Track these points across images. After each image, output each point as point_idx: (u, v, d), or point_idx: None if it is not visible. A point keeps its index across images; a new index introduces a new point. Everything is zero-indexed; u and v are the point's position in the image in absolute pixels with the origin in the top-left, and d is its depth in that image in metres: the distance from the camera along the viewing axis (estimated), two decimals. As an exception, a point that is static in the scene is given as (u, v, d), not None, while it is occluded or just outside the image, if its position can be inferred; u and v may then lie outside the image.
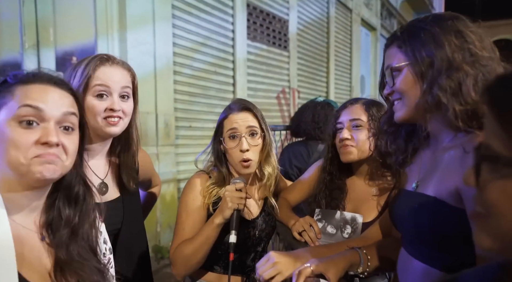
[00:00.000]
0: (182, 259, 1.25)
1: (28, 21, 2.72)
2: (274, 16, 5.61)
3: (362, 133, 1.32)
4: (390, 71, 0.91)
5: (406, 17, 12.12)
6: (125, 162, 1.28)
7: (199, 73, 4.27)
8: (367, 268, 1.03)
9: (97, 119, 1.15)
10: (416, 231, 0.87)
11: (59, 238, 0.81)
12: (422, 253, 0.87)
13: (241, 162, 1.28)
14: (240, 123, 1.28)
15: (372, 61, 9.76)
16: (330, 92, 7.33)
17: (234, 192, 1.21)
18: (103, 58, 1.19)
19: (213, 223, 1.21)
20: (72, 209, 0.85)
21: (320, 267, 0.95)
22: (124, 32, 3.33)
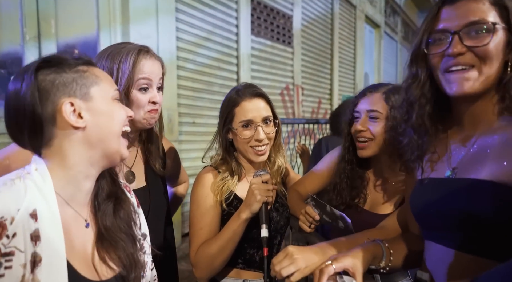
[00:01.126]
0: (206, 259, 1.18)
1: (29, 13, 2.66)
2: (278, 11, 5.54)
3: (379, 126, 1.24)
4: (484, 26, 0.77)
5: (410, 15, 12.03)
6: (152, 148, 1.28)
7: (202, 69, 4.20)
8: (389, 263, 0.96)
9: (141, 112, 1.17)
10: (470, 220, 0.78)
11: (104, 208, 0.86)
12: (475, 244, 0.79)
13: (254, 149, 1.23)
14: (255, 113, 1.22)
15: (376, 59, 9.67)
16: (334, 90, 7.25)
17: (261, 184, 1.14)
18: (143, 51, 1.18)
19: (240, 218, 1.15)
20: (115, 186, 0.91)
21: (342, 263, 0.87)
22: (127, 25, 3.26)
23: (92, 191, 0.86)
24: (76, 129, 0.77)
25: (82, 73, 0.80)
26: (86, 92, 0.79)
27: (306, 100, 6.38)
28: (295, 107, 5.99)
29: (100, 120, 0.80)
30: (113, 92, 0.84)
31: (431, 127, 0.91)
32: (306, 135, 4.78)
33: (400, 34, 11.34)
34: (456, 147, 0.88)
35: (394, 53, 11.09)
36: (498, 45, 0.78)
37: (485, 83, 0.80)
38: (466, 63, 0.80)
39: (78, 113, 0.78)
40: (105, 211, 0.86)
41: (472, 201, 0.78)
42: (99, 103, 0.81)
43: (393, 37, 10.82)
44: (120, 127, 0.84)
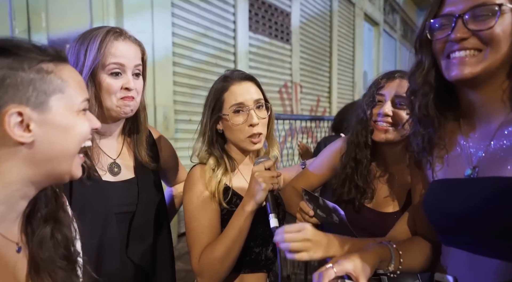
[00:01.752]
0: (212, 265, 1.07)
1: (19, 5, 2.57)
2: (276, 8, 5.46)
3: (404, 114, 1.15)
4: (489, 9, 0.72)
5: (409, 13, 11.97)
6: (138, 139, 1.21)
7: (199, 65, 4.12)
8: (399, 266, 0.88)
9: (112, 99, 1.10)
10: (499, 222, 0.71)
11: (40, 235, 0.72)
12: (504, 248, 0.71)
13: (250, 137, 1.14)
14: (247, 96, 1.13)
15: (375, 57, 9.61)
16: (332, 88, 7.18)
17: (264, 171, 1.04)
18: (116, 33, 1.09)
19: (245, 211, 1.05)
20: (56, 205, 0.76)
21: (344, 266, 0.80)
22: (121, 19, 3.17)
23: (24, 210, 0.71)
24: (20, 145, 0.62)
25: (44, 75, 0.64)
26: (43, 102, 0.63)
27: (304, 98, 6.30)
28: (294, 105, 5.91)
29: (53, 136, 0.65)
30: (80, 104, 0.69)
31: (437, 117, 0.85)
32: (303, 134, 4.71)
33: (399, 32, 11.29)
34: (473, 142, 0.81)
35: (393, 51, 11.03)
36: (506, 28, 0.73)
37: (488, 68, 0.74)
38: (472, 48, 0.75)
39: (26, 124, 0.62)
40: (41, 238, 0.71)
41: (502, 202, 0.71)
42: (57, 116, 0.65)
43: (392, 35, 10.76)
44: (77, 146, 0.69)
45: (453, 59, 0.77)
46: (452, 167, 0.83)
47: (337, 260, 0.82)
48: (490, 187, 0.73)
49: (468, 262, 0.77)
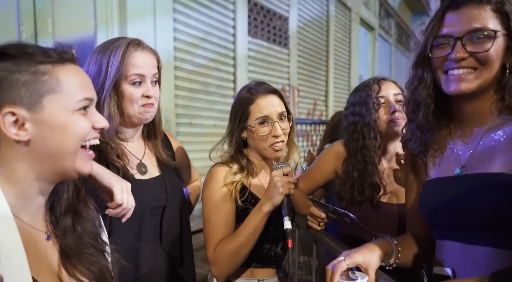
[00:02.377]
0: (226, 256, 1.16)
1: (26, 11, 2.63)
2: (274, 13, 5.55)
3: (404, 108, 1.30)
4: (486, 34, 0.81)
5: (403, 18, 12.15)
6: (156, 141, 1.30)
7: (199, 69, 4.19)
8: (397, 260, 0.97)
9: (134, 106, 1.17)
10: (486, 213, 0.80)
11: (63, 223, 0.77)
12: (492, 237, 0.81)
13: (272, 146, 1.23)
14: (271, 109, 1.22)
15: (370, 61, 9.74)
16: (329, 92, 7.28)
17: (282, 177, 1.14)
18: (135, 45, 1.17)
19: (261, 211, 1.14)
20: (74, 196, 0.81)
21: (355, 259, 0.87)
22: (124, 24, 3.24)
23: (46, 203, 0.76)
24: (18, 143, 0.66)
25: (39, 77, 0.67)
26: (36, 102, 0.66)
27: (302, 101, 6.39)
28: (291, 109, 5.97)
29: (48, 135, 0.68)
30: (77, 103, 0.70)
31: (434, 124, 0.95)
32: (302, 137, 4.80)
33: (394, 36, 11.44)
34: (461, 145, 0.91)
35: (388, 55, 11.18)
36: (498, 50, 0.83)
37: (482, 84, 0.84)
38: (468, 66, 0.84)
39: (21, 123, 0.66)
40: (64, 228, 0.77)
41: (488, 195, 0.80)
42: (51, 116, 0.67)
43: (387, 40, 10.92)
44: (74, 145, 0.71)
45: (451, 75, 0.86)
46: (443, 167, 0.92)
47: (348, 253, 0.89)
48: (477, 182, 0.83)
49: (461, 253, 0.86)
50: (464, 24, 0.83)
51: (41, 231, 0.75)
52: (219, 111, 4.50)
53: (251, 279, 1.27)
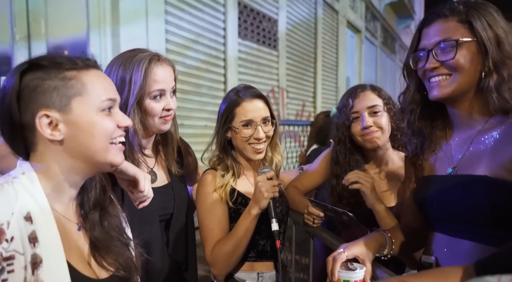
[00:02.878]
0: (223, 257, 1.24)
1: (19, 12, 2.63)
2: (264, 15, 5.63)
3: (383, 118, 1.35)
4: (449, 43, 0.90)
5: (389, 21, 12.39)
6: (167, 151, 1.32)
7: (191, 71, 4.23)
8: (391, 251, 1.05)
9: (155, 119, 1.20)
10: (470, 211, 0.88)
11: (91, 218, 0.84)
12: (475, 232, 0.88)
13: (253, 147, 1.29)
14: (256, 113, 1.28)
15: (357, 63, 9.92)
16: (317, 93, 7.40)
17: (266, 181, 1.20)
18: (155, 59, 1.18)
19: (250, 214, 1.21)
20: (101, 193, 0.88)
21: (353, 251, 0.95)
22: (117, 26, 3.26)
23: (77, 197, 0.83)
24: (54, 142, 0.74)
25: (67, 82, 0.74)
26: (66, 104, 0.73)
27: (290, 103, 6.49)
28: (280, 110, 6.08)
29: (78, 135, 0.75)
30: (100, 103, 0.77)
31: (425, 127, 1.03)
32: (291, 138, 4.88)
33: (379, 39, 11.67)
34: (456, 147, 0.98)
35: (374, 58, 11.40)
36: (466, 56, 0.90)
37: (458, 88, 0.92)
38: (443, 74, 0.93)
39: (54, 125, 0.73)
40: (92, 222, 0.84)
41: (469, 195, 0.88)
42: (79, 117, 0.74)
43: (373, 42, 11.13)
44: (104, 141, 0.77)
45: (432, 83, 0.95)
46: (438, 166, 1.01)
47: (346, 245, 0.98)
48: (463, 183, 0.91)
49: (447, 245, 0.94)
50: (432, 37, 0.94)
51: (73, 222, 0.82)
52: (210, 112, 4.54)
53: (251, 272, 1.34)
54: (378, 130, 1.34)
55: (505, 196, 0.82)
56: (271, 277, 1.38)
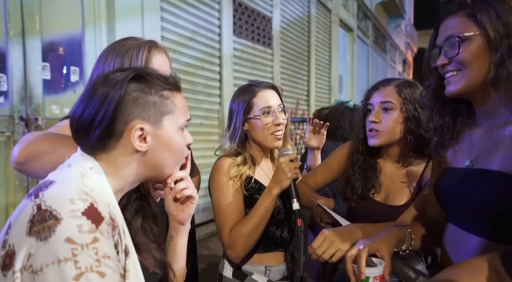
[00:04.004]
0: (242, 238, 1.25)
1: (13, 8, 2.57)
2: (258, 13, 5.61)
3: (392, 117, 1.31)
4: (454, 40, 0.89)
5: (380, 20, 12.49)
6: None
7: (186, 68, 4.20)
8: (409, 247, 1.04)
9: None
10: (478, 206, 0.87)
11: (134, 225, 0.87)
12: (482, 227, 0.88)
13: (274, 134, 1.33)
14: (274, 101, 1.35)
15: (349, 62, 9.98)
16: (311, 91, 7.42)
17: (289, 162, 1.24)
18: (154, 46, 1.17)
19: (271, 194, 1.24)
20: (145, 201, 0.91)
21: (373, 247, 0.94)
22: (112, 22, 3.22)
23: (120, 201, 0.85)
24: (137, 152, 0.76)
25: (164, 100, 0.78)
26: (159, 120, 0.77)
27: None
28: (275, 108, 6.08)
29: (160, 149, 0.79)
30: (181, 122, 0.82)
31: (447, 122, 1.03)
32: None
33: (371, 38, 11.76)
34: (475, 140, 0.97)
35: (365, 56, 11.48)
36: (474, 51, 0.88)
37: (469, 84, 0.91)
38: (452, 70, 0.93)
39: (144, 137, 0.76)
40: (134, 228, 0.87)
41: (482, 190, 0.87)
42: (166, 132, 0.79)
43: (364, 41, 11.21)
44: (178, 159, 0.83)
45: (446, 79, 0.95)
46: (458, 159, 1.00)
47: (365, 241, 0.96)
48: (476, 177, 0.90)
49: (457, 238, 0.94)
50: (443, 34, 0.94)
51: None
52: (205, 110, 4.52)
53: (259, 265, 1.35)
54: (383, 129, 1.32)
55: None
56: (279, 271, 1.38)
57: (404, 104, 1.30)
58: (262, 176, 1.40)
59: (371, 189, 1.38)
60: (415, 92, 1.31)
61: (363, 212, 1.35)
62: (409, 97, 1.30)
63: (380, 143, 1.34)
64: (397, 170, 1.39)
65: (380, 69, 13.39)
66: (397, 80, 1.37)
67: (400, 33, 16.52)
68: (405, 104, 1.30)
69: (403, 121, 1.31)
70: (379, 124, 1.32)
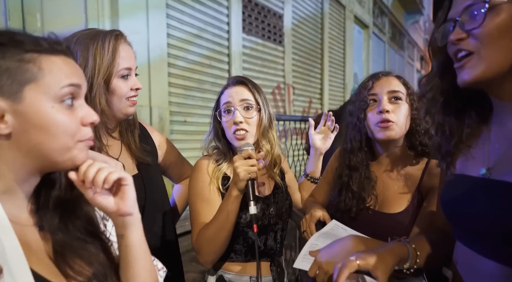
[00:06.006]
0: (205, 242, 1.17)
1: (13, 5, 2.54)
2: (269, 10, 5.49)
3: (403, 108, 1.17)
4: (478, 6, 0.69)
5: (397, 16, 12.16)
6: (132, 136, 1.23)
7: (194, 66, 4.12)
8: (414, 265, 0.89)
9: (122, 101, 1.12)
10: (495, 226, 0.71)
11: (50, 222, 0.71)
12: (501, 252, 0.71)
13: (235, 134, 1.25)
14: (234, 96, 1.26)
15: (365, 59, 9.73)
16: (324, 90, 7.25)
17: (243, 161, 1.13)
18: (121, 36, 1.11)
19: (231, 195, 1.14)
20: (66, 193, 0.74)
21: (367, 263, 0.80)
22: (116, 20, 3.16)
23: (31, 196, 0.70)
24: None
25: (22, 65, 0.61)
26: (16, 91, 0.60)
27: (297, 99, 6.35)
28: (286, 107, 5.95)
29: (29, 130, 0.62)
30: (59, 90, 0.63)
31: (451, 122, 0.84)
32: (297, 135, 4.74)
33: (387, 35, 11.45)
34: (494, 143, 0.79)
35: (382, 53, 11.19)
36: (502, 24, 0.69)
37: (491, 69, 0.71)
38: (466, 49, 0.73)
39: (1, 115, 0.60)
40: (53, 225, 0.71)
41: (502, 208, 0.70)
42: (31, 107, 0.61)
43: (381, 38, 10.92)
44: (66, 143, 0.64)
45: (458, 63, 0.75)
46: (471, 165, 0.82)
47: (360, 254, 0.82)
48: (496, 191, 0.72)
49: (469, 262, 0.78)
50: (460, 2, 0.73)
51: (31, 225, 0.70)
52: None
53: (242, 275, 1.24)
54: (397, 121, 1.16)
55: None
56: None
57: (409, 95, 1.18)
58: None
59: (366, 199, 1.23)
60: (411, 85, 1.21)
61: (358, 222, 1.20)
62: (411, 88, 1.18)
63: (394, 136, 1.18)
64: (393, 173, 1.24)
65: (397, 67, 13.04)
66: (392, 72, 1.25)
67: (418, 29, 16.08)
68: (410, 95, 1.17)
69: (409, 115, 1.18)
70: (392, 115, 1.16)
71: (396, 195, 1.21)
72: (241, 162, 1.12)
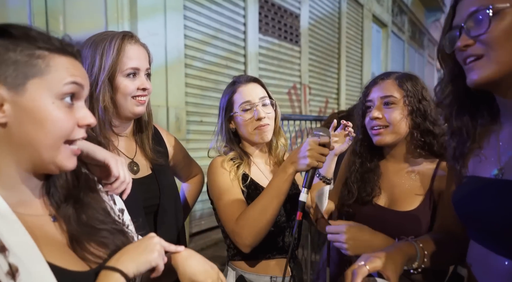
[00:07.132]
0: (249, 223, 1.10)
1: (37, 9, 2.63)
2: (285, 10, 5.49)
3: (396, 112, 1.19)
4: (483, 13, 0.72)
5: (417, 14, 11.93)
6: (146, 138, 1.27)
7: (210, 67, 4.17)
8: (422, 265, 0.90)
9: (127, 99, 1.15)
10: (508, 225, 0.71)
11: (64, 211, 0.73)
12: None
13: (258, 128, 1.27)
14: (253, 95, 1.28)
15: (383, 58, 9.59)
16: (341, 90, 7.19)
17: (317, 147, 1.04)
18: (128, 36, 1.16)
19: (286, 172, 1.07)
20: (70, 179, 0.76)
21: (376, 264, 0.81)
22: (135, 22, 3.23)
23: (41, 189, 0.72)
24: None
25: (31, 60, 0.63)
26: (20, 84, 0.62)
27: (313, 100, 6.32)
28: (302, 107, 5.94)
29: (25, 123, 0.63)
30: (62, 87, 0.65)
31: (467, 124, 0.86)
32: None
33: (407, 33, 11.25)
34: (506, 143, 0.80)
35: (401, 53, 11.00)
36: (508, 27, 0.71)
37: (499, 70, 0.73)
38: (475, 54, 0.75)
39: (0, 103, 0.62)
40: (66, 216, 0.73)
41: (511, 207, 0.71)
42: (31, 101, 0.63)
43: (400, 37, 10.74)
44: (55, 141, 0.65)
45: (468, 65, 0.77)
46: (482, 166, 0.83)
47: (368, 257, 0.83)
48: (508, 190, 0.73)
49: (484, 261, 0.78)
50: (464, 10, 0.76)
51: (43, 215, 0.72)
52: (229, 109, 4.47)
53: (263, 276, 1.26)
54: (387, 126, 1.20)
55: None
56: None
57: (407, 97, 1.18)
58: (259, 175, 1.33)
59: (371, 193, 1.24)
60: (417, 84, 1.21)
61: (363, 218, 1.21)
62: (411, 90, 1.19)
63: (387, 141, 1.21)
64: (403, 171, 1.25)
65: (417, 66, 12.78)
66: (396, 73, 1.26)
67: (439, 27, 15.71)
68: (408, 97, 1.18)
69: (407, 115, 1.19)
70: (383, 120, 1.21)
71: (406, 193, 1.22)
72: (316, 148, 1.04)
